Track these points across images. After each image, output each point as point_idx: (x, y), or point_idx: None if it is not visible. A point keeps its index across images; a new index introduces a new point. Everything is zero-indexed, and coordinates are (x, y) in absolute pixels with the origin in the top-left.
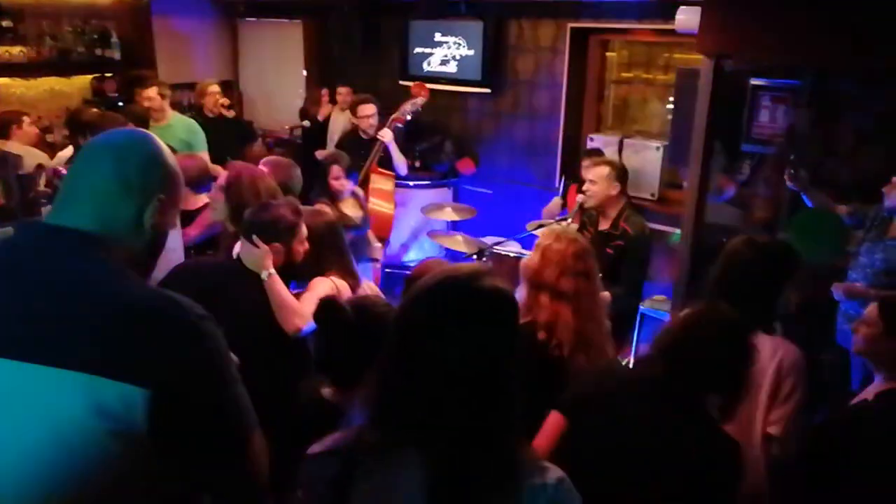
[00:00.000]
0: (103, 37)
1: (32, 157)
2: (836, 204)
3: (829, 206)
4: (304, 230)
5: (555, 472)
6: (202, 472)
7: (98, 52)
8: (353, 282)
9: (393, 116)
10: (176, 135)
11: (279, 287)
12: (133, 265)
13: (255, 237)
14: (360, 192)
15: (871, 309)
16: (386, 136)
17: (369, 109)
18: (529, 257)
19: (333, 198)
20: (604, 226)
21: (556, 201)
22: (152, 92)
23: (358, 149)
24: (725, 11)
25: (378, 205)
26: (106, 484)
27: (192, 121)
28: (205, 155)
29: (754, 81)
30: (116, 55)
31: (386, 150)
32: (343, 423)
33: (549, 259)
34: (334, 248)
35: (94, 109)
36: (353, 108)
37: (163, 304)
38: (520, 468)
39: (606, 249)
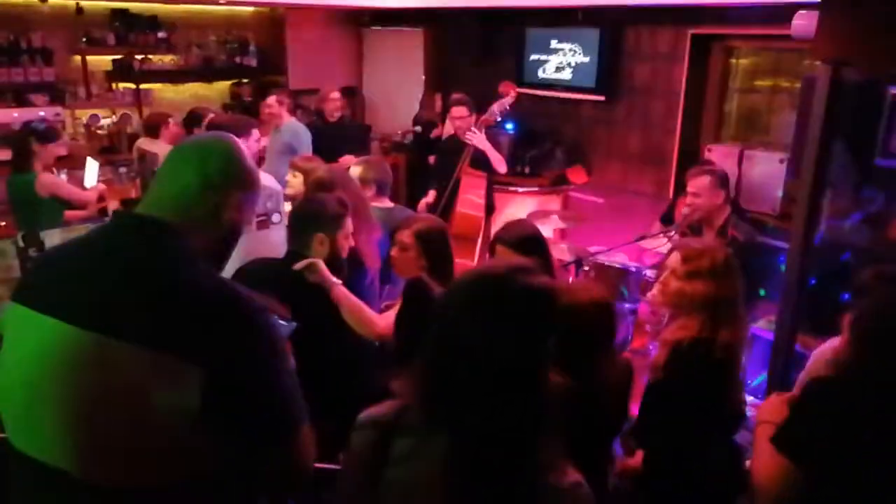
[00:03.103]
0: (242, 46)
1: None
2: None
3: None
4: (349, 225)
5: (573, 476)
6: (248, 458)
7: (237, 59)
8: None
9: (482, 118)
10: (283, 138)
11: (347, 296)
12: (207, 256)
13: (319, 236)
14: None
15: None
16: (474, 138)
17: (459, 112)
18: None
19: None
20: (709, 235)
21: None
22: (272, 100)
23: (459, 152)
24: (846, 14)
25: (465, 206)
26: (156, 453)
27: (301, 126)
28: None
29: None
30: (254, 62)
31: (482, 152)
32: None
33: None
34: (442, 256)
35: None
36: (448, 110)
37: (224, 292)
38: (537, 466)
39: None
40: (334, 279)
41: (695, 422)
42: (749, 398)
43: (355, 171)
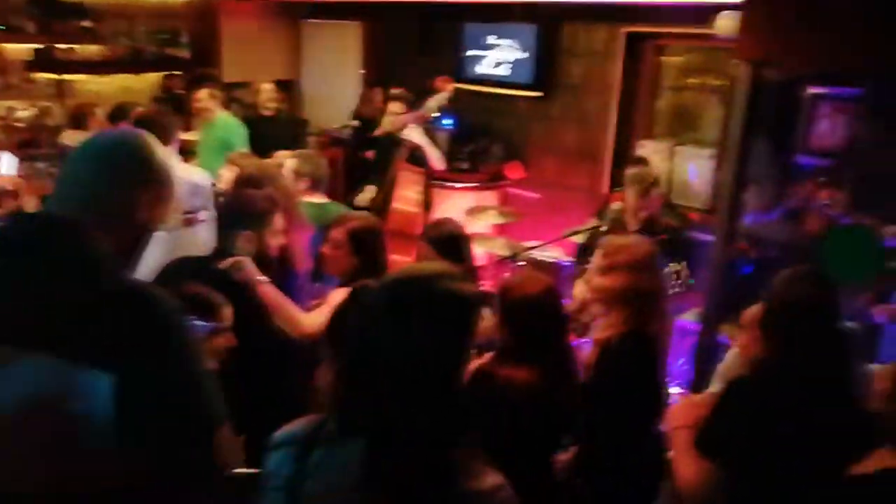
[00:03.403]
0: (174, 36)
1: None
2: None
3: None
4: (278, 222)
5: (493, 479)
6: (167, 460)
7: (169, 50)
8: None
9: (419, 114)
10: (216, 133)
11: (275, 295)
12: (119, 256)
13: (246, 233)
14: None
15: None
16: (411, 133)
17: (395, 108)
18: None
19: None
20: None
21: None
22: (202, 93)
23: (396, 148)
24: (768, 14)
25: (402, 202)
26: (73, 463)
27: (234, 120)
28: (244, 150)
29: (813, 90)
30: (185, 54)
31: (419, 148)
32: None
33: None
34: (375, 255)
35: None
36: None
37: (135, 293)
38: (455, 471)
39: None
40: (261, 277)
41: (629, 417)
42: (676, 389)
43: (290, 164)
